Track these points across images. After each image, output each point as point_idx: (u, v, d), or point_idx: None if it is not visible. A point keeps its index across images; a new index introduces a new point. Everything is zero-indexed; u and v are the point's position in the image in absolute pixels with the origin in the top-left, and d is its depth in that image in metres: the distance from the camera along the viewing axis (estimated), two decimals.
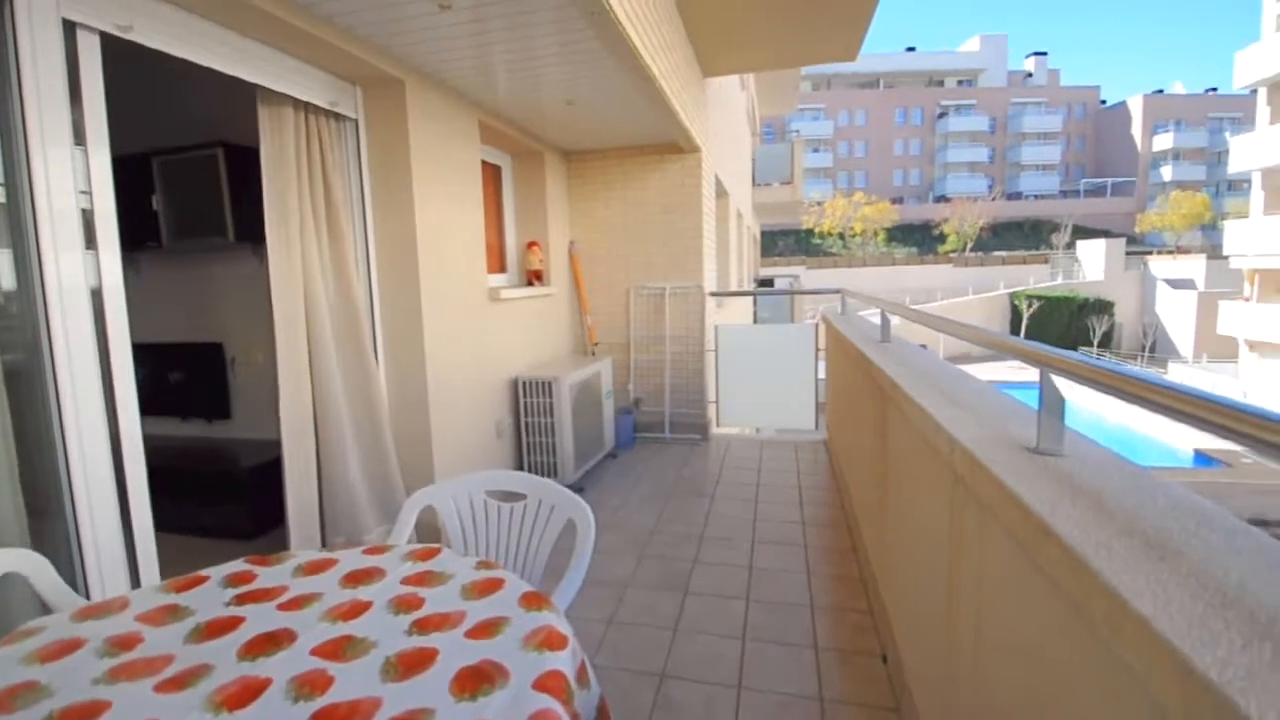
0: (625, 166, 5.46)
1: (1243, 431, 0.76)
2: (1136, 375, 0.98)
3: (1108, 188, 49.33)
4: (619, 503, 4.11)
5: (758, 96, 16.58)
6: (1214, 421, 0.80)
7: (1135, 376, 0.98)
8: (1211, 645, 0.65)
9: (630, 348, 5.48)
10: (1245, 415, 0.76)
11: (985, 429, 1.53)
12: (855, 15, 4.33)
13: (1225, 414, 0.78)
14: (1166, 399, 0.89)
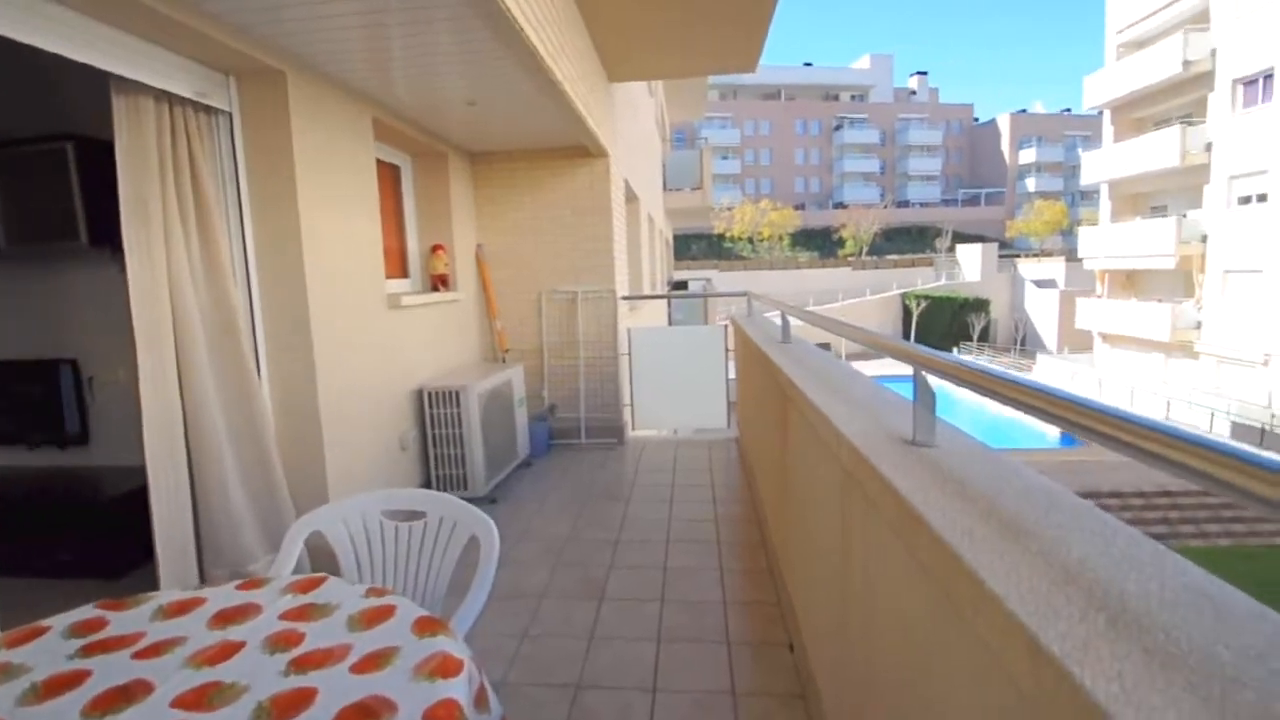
0: (534, 169, 5.38)
1: (1059, 415, 0.85)
2: (988, 371, 1.07)
3: (982, 197, 54.23)
4: (534, 511, 4.03)
5: (667, 104, 16.89)
6: (1039, 407, 0.89)
7: (986, 372, 1.07)
8: (1054, 620, 0.71)
9: (543, 353, 5.40)
10: (1063, 401, 0.85)
11: (869, 423, 1.62)
12: (752, 28, 4.50)
13: (1050, 401, 0.87)
14: (1007, 390, 0.98)
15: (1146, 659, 0.64)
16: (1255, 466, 0.58)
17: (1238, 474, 0.60)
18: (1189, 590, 0.76)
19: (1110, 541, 0.89)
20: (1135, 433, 0.74)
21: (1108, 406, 0.79)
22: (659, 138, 13.34)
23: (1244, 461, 0.59)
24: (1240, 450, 0.60)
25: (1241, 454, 0.60)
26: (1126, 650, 0.65)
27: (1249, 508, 0.61)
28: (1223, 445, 0.63)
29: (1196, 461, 0.65)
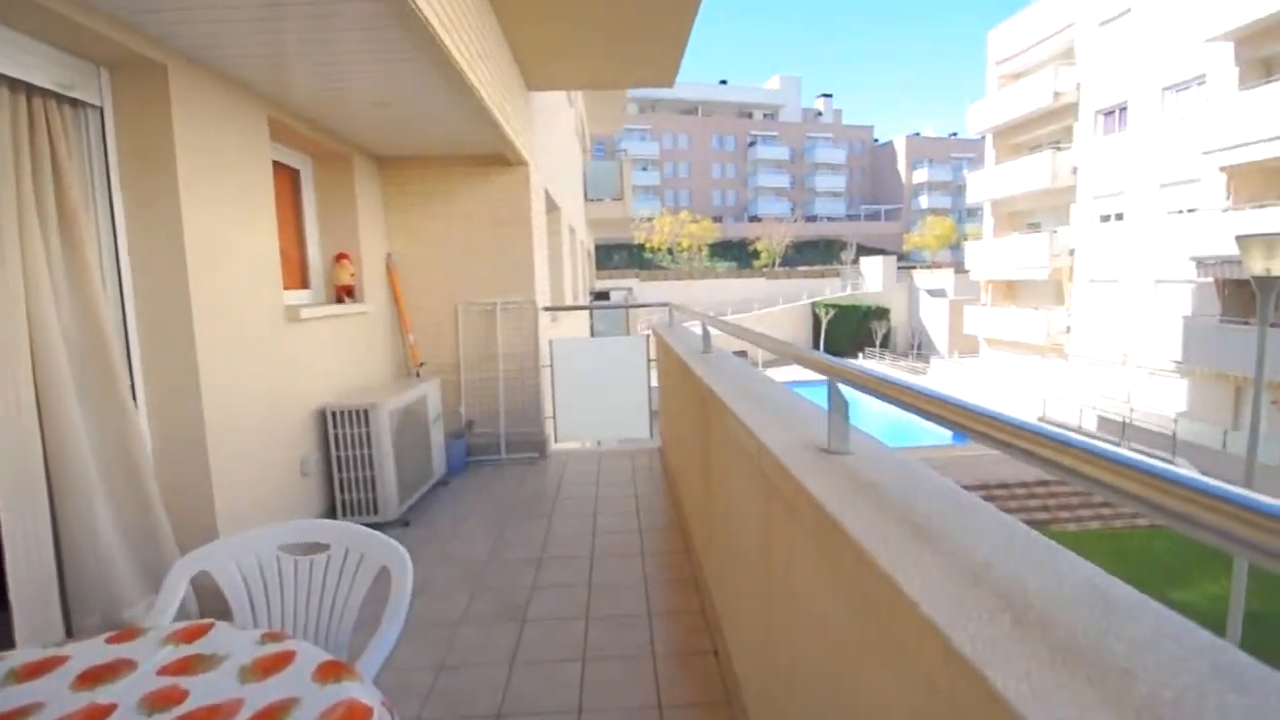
0: (449, 176, 5.21)
1: (937, 413, 0.90)
2: (891, 380, 1.13)
3: (882, 213, 57.99)
4: (450, 534, 3.86)
5: (587, 115, 16.93)
6: (928, 410, 0.95)
7: (890, 381, 1.13)
8: (965, 621, 0.74)
9: (460, 367, 5.21)
10: (946, 404, 0.91)
11: (788, 432, 1.66)
12: (669, 44, 4.57)
13: (932, 403, 0.92)
14: (906, 396, 1.04)
15: (1051, 656, 0.67)
16: (1095, 456, 0.68)
17: (1083, 463, 0.70)
18: (1083, 585, 0.81)
19: (1011, 540, 0.95)
20: (1006, 430, 0.81)
21: (983, 408, 0.85)
22: (579, 148, 13.34)
23: (1088, 452, 0.66)
24: (1084, 442, 0.68)
25: (1085, 446, 0.71)
26: (1032, 649, 0.68)
27: (1095, 493, 0.69)
28: (1071, 440, 0.70)
29: (1050, 453, 0.75)
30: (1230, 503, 0.55)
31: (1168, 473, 0.62)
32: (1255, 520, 0.53)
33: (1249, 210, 15.07)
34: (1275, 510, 0.51)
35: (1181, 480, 0.60)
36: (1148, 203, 18.18)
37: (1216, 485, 0.58)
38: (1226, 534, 0.55)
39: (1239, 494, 0.55)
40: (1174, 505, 0.61)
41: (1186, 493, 0.59)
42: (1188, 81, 17.08)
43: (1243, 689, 0.60)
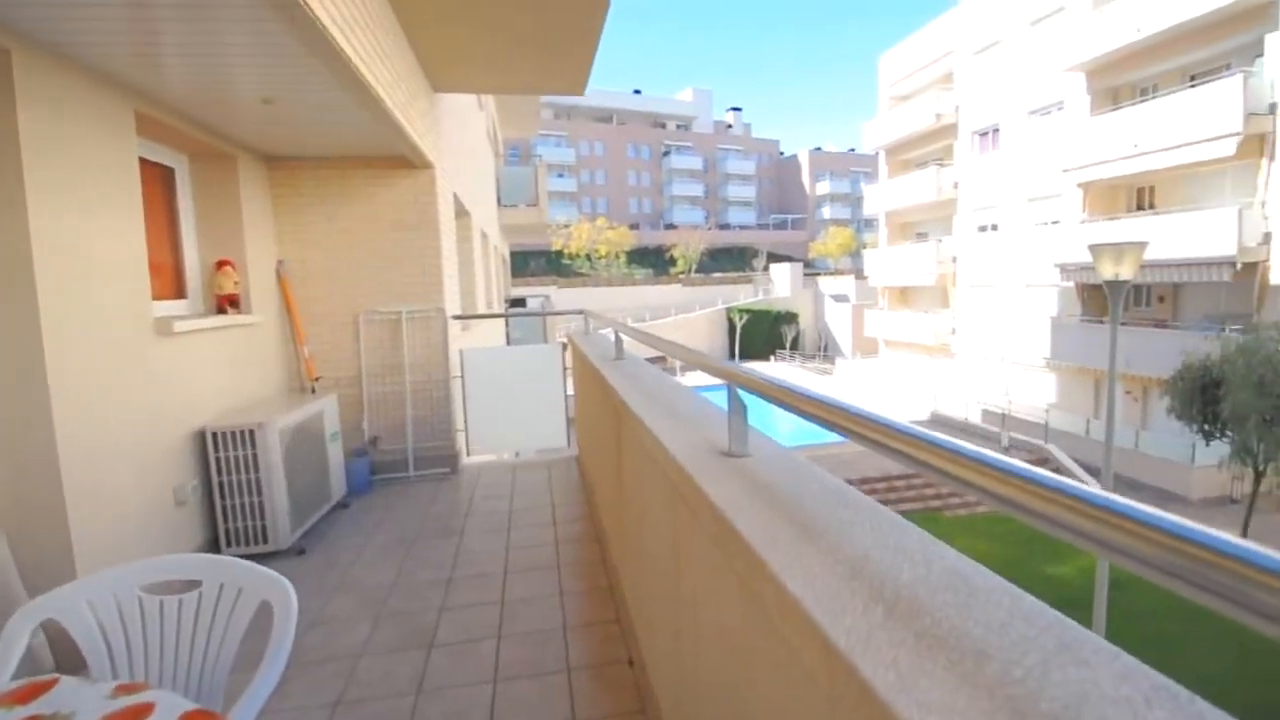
0: (348, 178, 4.93)
1: (822, 417, 0.94)
2: (782, 384, 1.17)
3: (789, 222, 60.81)
4: (352, 559, 3.62)
5: (500, 118, 16.62)
6: (815, 414, 0.99)
7: (781, 385, 1.17)
8: (843, 616, 0.77)
9: (362, 380, 4.93)
10: (829, 406, 0.95)
11: (692, 437, 1.68)
12: (578, 53, 4.56)
13: (819, 407, 0.97)
14: (795, 401, 1.07)
15: (917, 643, 0.70)
16: (939, 448, 0.75)
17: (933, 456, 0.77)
18: (949, 573, 0.86)
19: (887, 533, 1.00)
20: (864, 425, 0.85)
21: (848, 406, 0.90)
22: (491, 152, 13.05)
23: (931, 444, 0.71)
24: (929, 436, 0.74)
25: (930, 439, 0.78)
26: (901, 637, 0.71)
27: (939, 483, 0.73)
28: (922, 435, 0.76)
29: (908, 448, 0.81)
30: (1047, 488, 0.61)
31: (997, 462, 0.67)
32: (1075, 506, 0.58)
33: (1102, 222, 17.03)
34: (1089, 496, 0.56)
35: (1002, 466, 0.66)
36: (1018, 215, 20.14)
37: (1039, 474, 0.63)
38: (1050, 519, 0.61)
39: (1053, 480, 0.60)
40: (1002, 491, 0.67)
41: (1016, 481, 0.64)
42: (1049, 106, 19.11)
43: (1082, 662, 0.65)
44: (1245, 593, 0.44)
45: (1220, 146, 13.91)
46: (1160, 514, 0.52)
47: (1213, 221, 14.10)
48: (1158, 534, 0.52)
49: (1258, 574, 0.43)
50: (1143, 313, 17.46)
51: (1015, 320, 20.09)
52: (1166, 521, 0.51)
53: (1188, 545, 0.49)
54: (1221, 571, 0.45)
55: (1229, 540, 0.46)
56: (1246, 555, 0.44)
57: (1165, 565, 0.51)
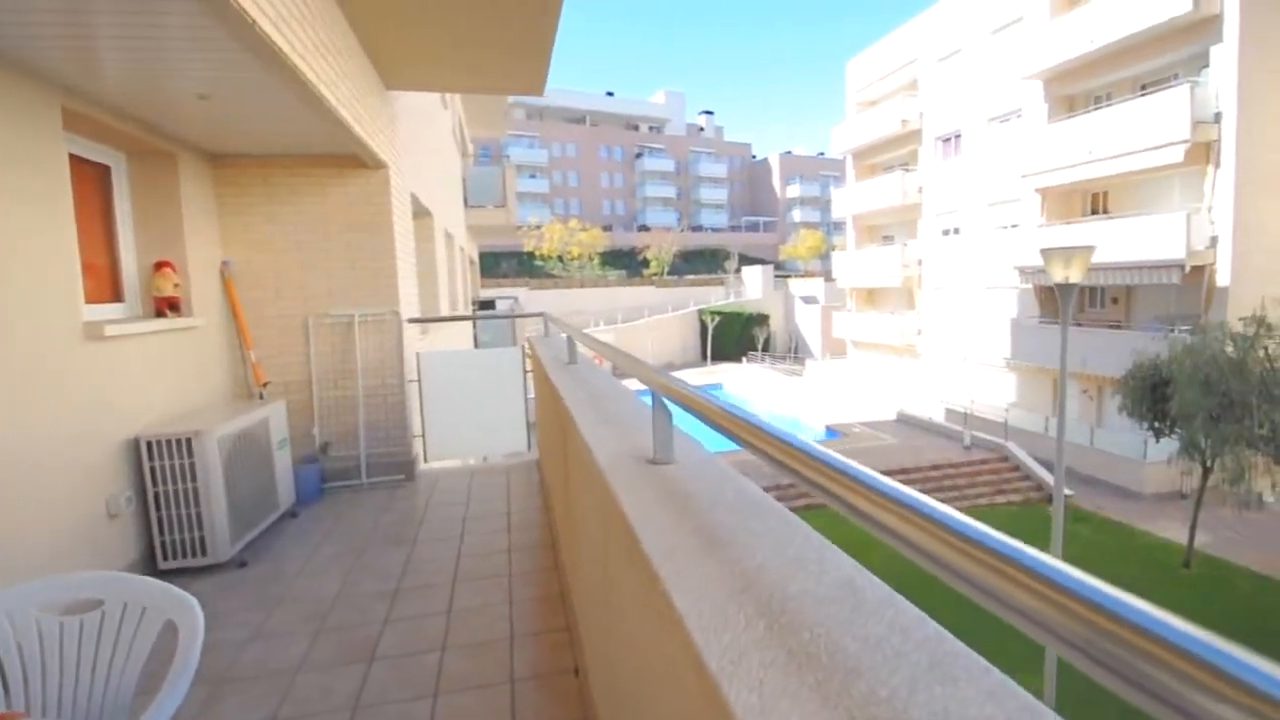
0: (296, 177, 4.79)
1: (739, 436, 0.92)
2: (694, 394, 1.14)
3: (760, 224, 61.39)
4: (296, 570, 3.51)
5: (467, 118, 16.42)
6: (731, 431, 0.96)
7: (691, 394, 1.14)
8: (722, 632, 0.74)
9: (313, 385, 4.79)
10: (747, 424, 0.93)
11: (624, 444, 1.65)
12: (533, 53, 4.51)
13: (738, 424, 0.94)
14: (704, 409, 1.05)
15: (788, 661, 0.68)
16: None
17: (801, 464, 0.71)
18: (840, 584, 0.84)
19: (789, 542, 0.98)
20: (759, 436, 0.83)
21: (749, 417, 0.88)
22: (458, 152, 12.88)
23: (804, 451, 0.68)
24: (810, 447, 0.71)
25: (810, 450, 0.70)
26: (773, 656, 0.69)
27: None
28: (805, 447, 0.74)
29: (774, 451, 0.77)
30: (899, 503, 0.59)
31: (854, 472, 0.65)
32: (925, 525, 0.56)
33: (1058, 226, 17.55)
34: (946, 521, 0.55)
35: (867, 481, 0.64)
36: (979, 219, 20.63)
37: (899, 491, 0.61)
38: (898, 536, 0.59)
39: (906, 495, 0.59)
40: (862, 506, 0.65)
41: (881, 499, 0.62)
42: (1009, 114, 19.63)
43: (950, 680, 0.64)
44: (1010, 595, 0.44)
45: (1169, 153, 14.45)
46: (956, 519, 0.51)
47: (1162, 226, 14.63)
48: (953, 536, 0.51)
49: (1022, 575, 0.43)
50: (1098, 314, 18.03)
51: (977, 321, 20.58)
52: (960, 524, 0.49)
53: (981, 551, 0.49)
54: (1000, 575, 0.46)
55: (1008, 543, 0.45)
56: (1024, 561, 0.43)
57: (944, 561, 0.51)
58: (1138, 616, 0.37)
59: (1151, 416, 11.71)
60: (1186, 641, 0.33)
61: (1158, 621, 0.35)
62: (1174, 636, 0.34)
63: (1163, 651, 0.34)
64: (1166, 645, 0.34)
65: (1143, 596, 1.38)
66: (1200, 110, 14.03)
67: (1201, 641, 0.33)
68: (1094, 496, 14.69)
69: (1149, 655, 0.35)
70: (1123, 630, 0.37)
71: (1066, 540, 12.40)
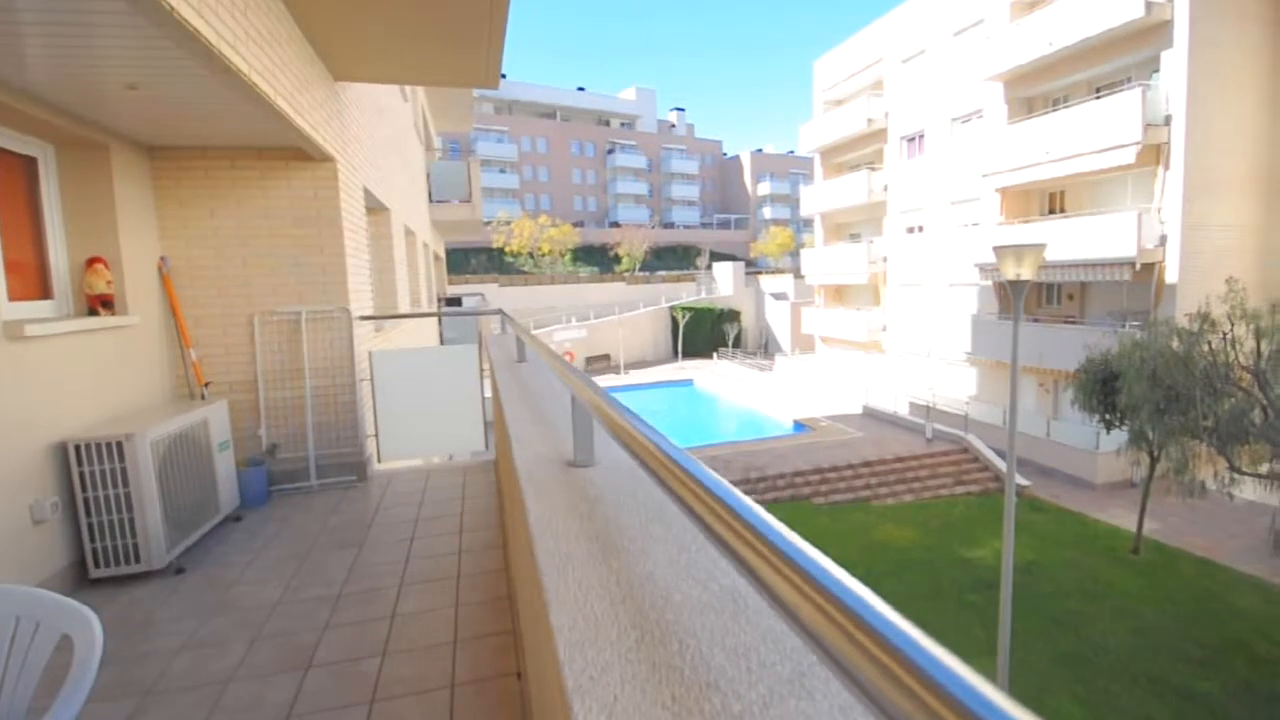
0: (239, 170, 4.63)
1: (619, 432, 0.90)
2: (606, 401, 1.12)
3: (731, 221, 61.71)
4: (236, 577, 3.40)
5: (432, 112, 16.12)
6: (617, 431, 0.94)
7: (602, 399, 1.12)
8: (589, 646, 0.72)
9: (259, 385, 4.64)
10: (624, 424, 0.90)
11: (548, 446, 1.62)
12: (483, 45, 4.41)
13: (622, 426, 0.92)
14: (608, 414, 1.03)
15: (650, 675, 0.66)
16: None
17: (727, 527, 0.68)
18: (724, 593, 0.83)
19: (685, 548, 0.96)
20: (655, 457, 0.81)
21: (646, 428, 0.85)
22: (420, 146, 12.63)
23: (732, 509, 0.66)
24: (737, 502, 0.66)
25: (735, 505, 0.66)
26: (635, 670, 0.67)
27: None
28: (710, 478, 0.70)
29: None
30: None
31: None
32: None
33: (1016, 225, 18.01)
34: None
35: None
36: (942, 217, 21.07)
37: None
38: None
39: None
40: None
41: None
42: (970, 114, 20.05)
43: (807, 694, 0.62)
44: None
45: (1121, 155, 14.93)
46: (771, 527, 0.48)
47: (1114, 225, 15.12)
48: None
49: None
50: (1054, 310, 18.58)
51: (940, 317, 21.03)
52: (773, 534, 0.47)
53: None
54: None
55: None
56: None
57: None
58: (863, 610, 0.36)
59: (1102, 409, 12.11)
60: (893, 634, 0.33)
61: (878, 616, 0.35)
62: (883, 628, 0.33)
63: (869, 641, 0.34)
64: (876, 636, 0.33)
65: (1094, 581, 1.40)
66: (1151, 113, 14.53)
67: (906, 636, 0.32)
68: (1050, 486, 15.16)
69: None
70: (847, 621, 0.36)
71: (1024, 529, 12.80)
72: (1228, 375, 9.55)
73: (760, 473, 15.42)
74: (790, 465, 15.75)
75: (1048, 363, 16.56)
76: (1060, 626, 9.69)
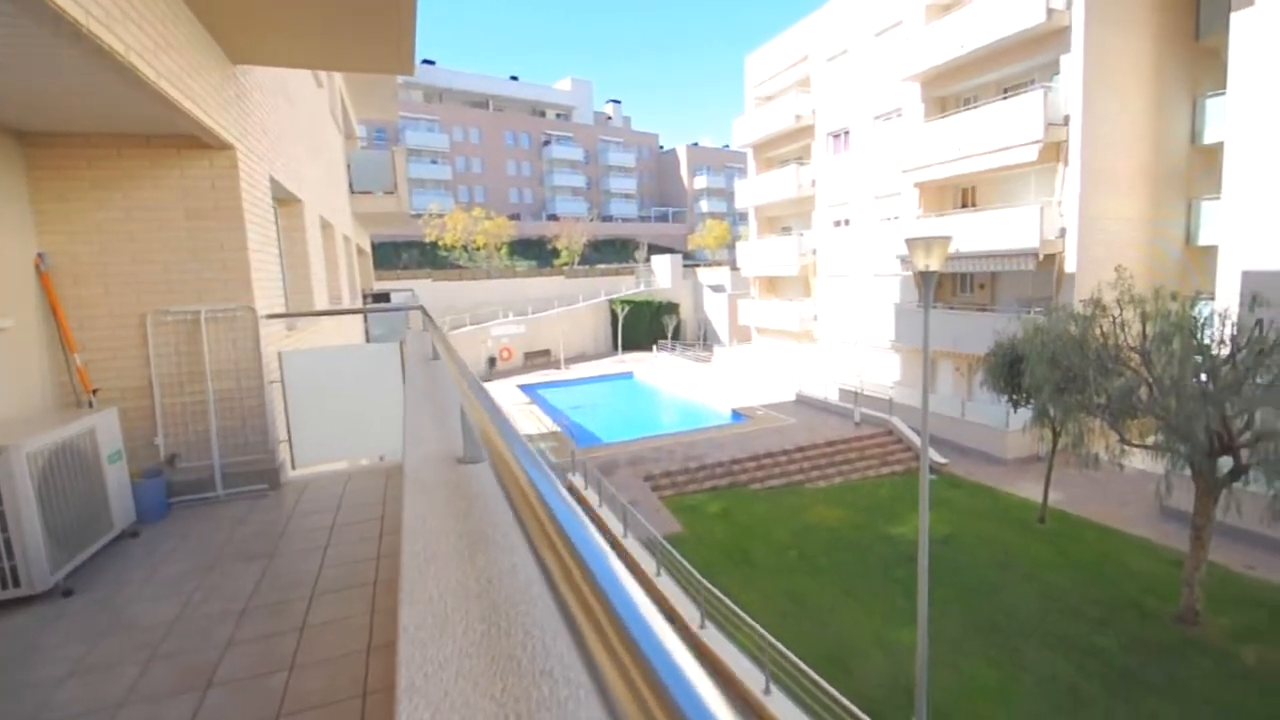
0: (128, 160, 4.29)
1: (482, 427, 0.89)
2: (478, 399, 1.11)
3: (669, 215, 62.22)
4: (130, 596, 3.17)
5: (351, 98, 15.41)
6: (479, 424, 0.94)
7: (475, 396, 1.11)
8: (434, 643, 0.72)
9: (155, 391, 4.33)
10: (485, 416, 0.91)
11: (444, 443, 1.60)
12: (392, 29, 4.24)
13: (481, 415, 0.92)
14: (476, 413, 1.02)
15: (488, 668, 0.66)
16: None
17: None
18: (540, 598, 0.84)
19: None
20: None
21: (502, 425, 0.86)
22: (339, 133, 12.06)
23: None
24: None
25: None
26: (471, 666, 0.67)
27: None
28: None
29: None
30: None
31: None
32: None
33: (933, 218, 18.98)
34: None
35: None
36: (867, 211, 21.96)
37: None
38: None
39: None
40: None
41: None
42: (891, 112, 20.94)
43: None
44: None
45: (1025, 152, 15.97)
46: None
47: (1019, 218, 16.18)
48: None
49: None
50: (968, 299, 19.73)
51: (866, 307, 21.96)
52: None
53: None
54: None
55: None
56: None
57: None
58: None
59: (1009, 389, 12.98)
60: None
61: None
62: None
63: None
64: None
65: (1005, 551, 1.49)
66: (1052, 113, 15.59)
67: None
68: (966, 464, 16.14)
69: None
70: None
71: (943, 504, 13.59)
72: (1118, 356, 10.40)
73: (699, 461, 15.70)
74: (728, 453, 16.11)
75: (962, 348, 17.58)
76: (975, 594, 10.36)
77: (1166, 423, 9.25)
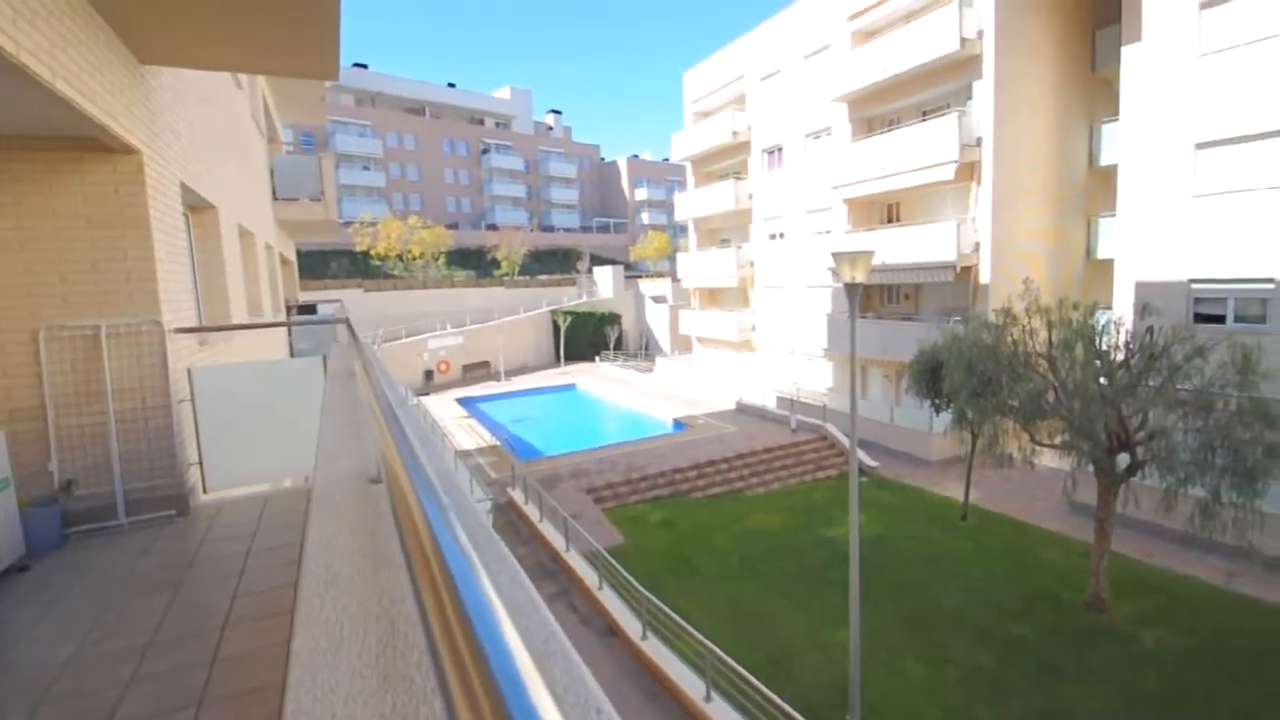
0: (19, 163, 3.97)
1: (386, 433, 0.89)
2: (386, 413, 1.10)
3: (611, 226, 62.53)
4: (17, 635, 2.91)
5: (275, 101, 14.77)
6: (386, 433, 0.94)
7: (383, 410, 1.10)
8: (325, 667, 0.71)
9: (48, 412, 3.99)
10: (389, 428, 0.91)
11: (359, 460, 1.56)
12: (314, 32, 4.12)
13: (388, 429, 0.92)
14: (381, 423, 1.02)
15: (378, 687, 0.66)
16: None
17: None
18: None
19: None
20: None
21: (405, 444, 0.86)
22: (261, 137, 11.52)
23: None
24: None
25: None
26: (363, 686, 0.66)
27: None
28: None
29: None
30: None
31: None
32: None
33: (861, 233, 19.88)
34: None
35: None
36: (800, 225, 22.77)
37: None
38: None
39: None
40: None
41: None
42: (821, 131, 21.83)
43: None
44: None
45: (942, 171, 16.99)
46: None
47: (938, 233, 17.17)
48: None
49: None
50: (894, 309, 20.73)
51: (801, 317, 22.72)
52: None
53: None
54: None
55: None
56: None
57: None
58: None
59: (931, 394, 13.70)
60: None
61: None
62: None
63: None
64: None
65: (932, 548, 1.56)
66: (967, 135, 16.66)
67: None
68: (895, 466, 16.88)
69: None
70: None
71: (874, 506, 14.16)
72: (1027, 361, 11.16)
73: (641, 472, 15.76)
74: (670, 463, 16.24)
75: (890, 355, 18.44)
76: (905, 591, 10.83)
77: (1071, 423, 9.98)
